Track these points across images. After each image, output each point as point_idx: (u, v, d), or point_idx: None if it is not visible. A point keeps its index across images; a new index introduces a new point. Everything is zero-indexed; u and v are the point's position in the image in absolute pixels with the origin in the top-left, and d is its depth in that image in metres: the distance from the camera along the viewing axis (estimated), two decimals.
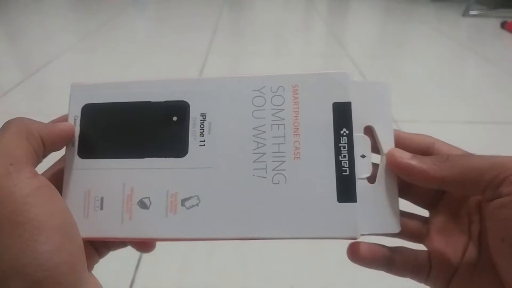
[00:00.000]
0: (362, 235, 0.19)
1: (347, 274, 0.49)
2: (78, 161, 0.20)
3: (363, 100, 0.20)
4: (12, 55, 1.24)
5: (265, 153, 0.19)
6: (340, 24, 1.80)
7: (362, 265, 0.20)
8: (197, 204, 0.19)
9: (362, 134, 0.20)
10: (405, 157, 0.19)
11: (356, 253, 0.20)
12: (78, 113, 0.20)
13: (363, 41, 1.49)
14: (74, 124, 0.20)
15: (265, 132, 0.19)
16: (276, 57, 1.24)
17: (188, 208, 0.19)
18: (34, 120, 0.18)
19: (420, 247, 0.21)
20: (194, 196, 0.19)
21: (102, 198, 0.19)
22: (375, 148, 0.20)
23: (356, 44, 1.43)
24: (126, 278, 0.46)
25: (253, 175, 0.19)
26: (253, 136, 0.19)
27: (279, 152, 0.19)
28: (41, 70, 1.07)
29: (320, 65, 1.23)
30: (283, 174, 0.19)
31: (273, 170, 0.19)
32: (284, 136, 0.19)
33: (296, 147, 0.19)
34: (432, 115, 0.88)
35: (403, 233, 0.21)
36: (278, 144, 0.19)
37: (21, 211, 0.14)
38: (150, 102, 0.20)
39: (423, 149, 0.20)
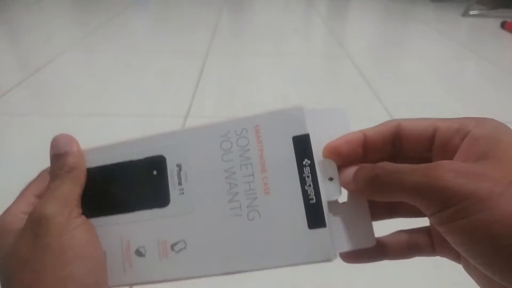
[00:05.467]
0: (340, 252, 0.20)
1: (347, 274, 0.49)
2: None
3: (324, 126, 0.21)
4: (12, 55, 1.24)
5: (238, 193, 0.20)
6: (340, 24, 1.80)
7: (357, 263, 0.21)
8: (184, 248, 0.21)
9: (327, 159, 0.21)
10: (347, 179, 0.20)
11: (347, 255, 0.20)
12: None
13: (363, 41, 1.49)
14: None
15: (235, 173, 0.21)
16: (276, 57, 1.24)
17: (177, 252, 0.21)
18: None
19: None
20: (181, 241, 0.21)
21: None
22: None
23: (356, 44, 1.43)
24: None
25: (230, 215, 0.20)
26: (225, 178, 0.21)
27: (250, 189, 0.20)
28: (41, 70, 1.07)
29: (320, 65, 1.23)
30: (256, 210, 0.20)
31: (247, 207, 0.20)
32: (253, 174, 0.20)
33: (265, 183, 0.20)
34: (431, 115, 0.87)
35: (408, 210, 0.21)
36: (249, 182, 0.20)
37: (67, 240, 0.19)
38: (132, 160, 0.22)
39: (390, 138, 0.21)
